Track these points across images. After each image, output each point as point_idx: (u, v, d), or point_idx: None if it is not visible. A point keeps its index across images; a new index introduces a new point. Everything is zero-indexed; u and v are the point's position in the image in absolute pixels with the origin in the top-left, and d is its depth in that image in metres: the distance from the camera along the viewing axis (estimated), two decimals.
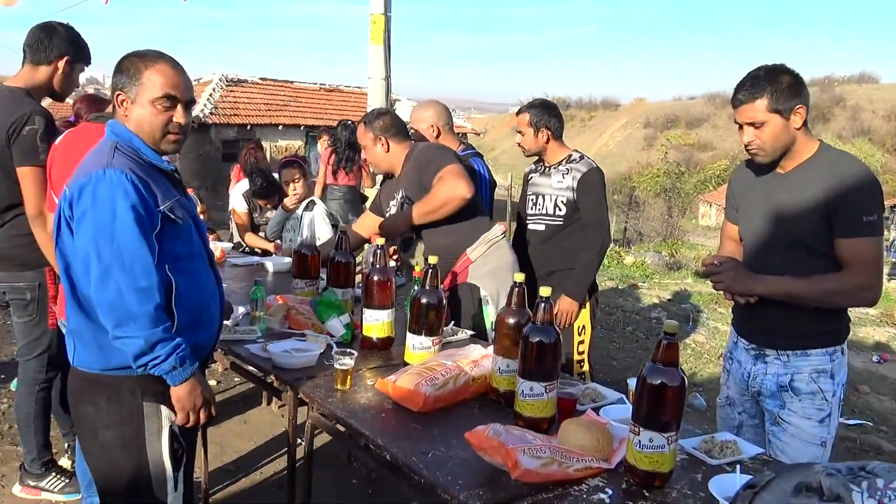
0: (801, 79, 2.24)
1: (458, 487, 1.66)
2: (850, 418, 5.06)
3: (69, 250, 1.89)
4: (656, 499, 1.68)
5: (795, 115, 2.19)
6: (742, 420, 2.50)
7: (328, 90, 23.69)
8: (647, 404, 1.68)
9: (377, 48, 7.04)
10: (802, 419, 2.30)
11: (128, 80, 1.93)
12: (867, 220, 2.14)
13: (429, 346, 2.39)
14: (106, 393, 1.95)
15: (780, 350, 2.32)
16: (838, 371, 2.31)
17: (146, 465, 1.96)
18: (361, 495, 3.52)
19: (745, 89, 2.22)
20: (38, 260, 2.98)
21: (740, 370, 2.45)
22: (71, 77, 3.06)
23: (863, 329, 7.89)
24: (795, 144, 2.24)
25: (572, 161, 3.55)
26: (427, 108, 3.74)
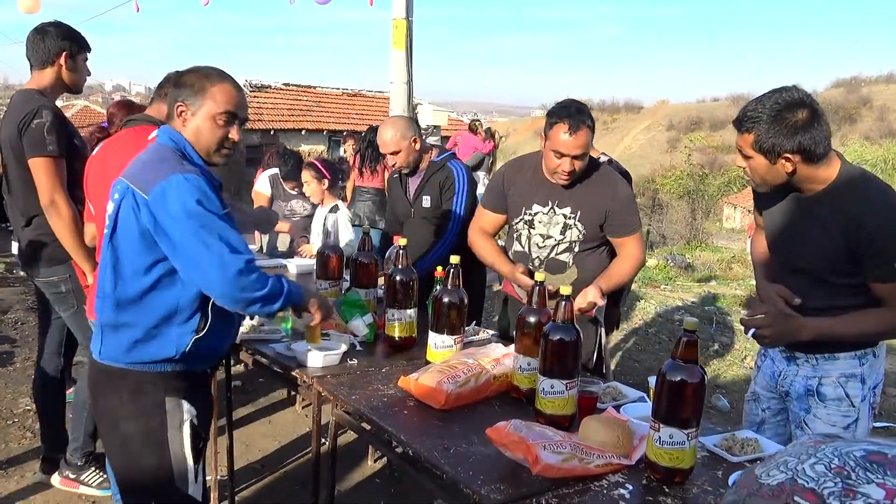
0: (816, 116, 2.01)
1: (479, 483, 1.68)
2: (877, 421, 5.00)
3: (125, 246, 1.96)
4: (676, 495, 1.69)
5: (784, 160, 2.04)
6: (764, 417, 2.46)
7: (351, 95, 23.84)
8: (666, 401, 1.70)
9: (399, 52, 7.10)
10: (827, 426, 2.23)
11: (191, 94, 2.03)
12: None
13: (451, 345, 2.42)
14: (129, 386, 2.01)
15: (810, 353, 2.26)
16: (870, 375, 2.22)
17: (168, 457, 2.01)
18: (385, 493, 3.55)
19: (744, 115, 2.08)
20: (65, 254, 3.06)
21: (772, 367, 2.40)
22: (76, 69, 3.16)
23: None
24: (796, 180, 2.10)
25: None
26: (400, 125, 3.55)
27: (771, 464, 0.77)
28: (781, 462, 0.75)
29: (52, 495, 3.36)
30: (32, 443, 3.83)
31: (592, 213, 2.86)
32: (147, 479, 2.02)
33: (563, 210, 2.89)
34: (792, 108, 2.01)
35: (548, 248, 2.93)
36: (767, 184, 2.14)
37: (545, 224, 2.92)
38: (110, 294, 1.98)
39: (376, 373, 2.43)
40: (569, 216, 2.88)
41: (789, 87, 2.06)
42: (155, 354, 1.99)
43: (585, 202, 2.86)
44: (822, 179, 2.11)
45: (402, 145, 3.48)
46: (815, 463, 0.72)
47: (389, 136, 3.48)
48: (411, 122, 3.68)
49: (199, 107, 2.03)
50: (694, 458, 1.73)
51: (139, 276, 1.95)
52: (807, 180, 2.11)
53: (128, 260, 1.96)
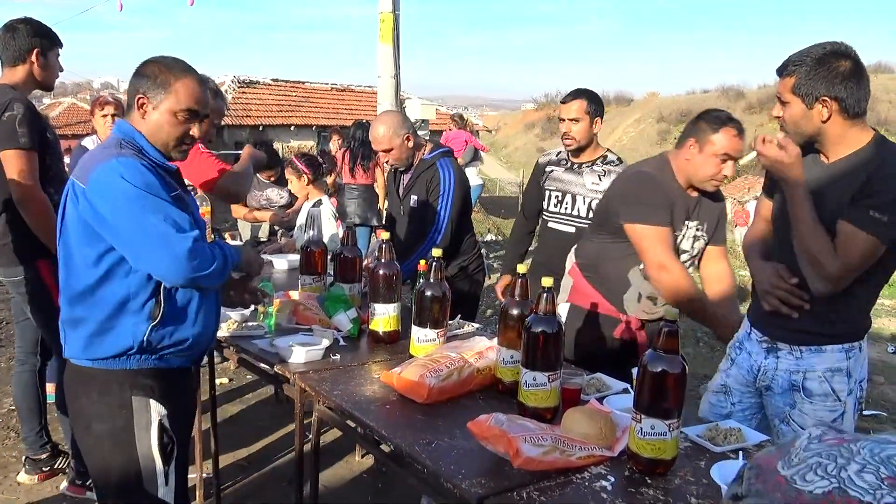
0: (859, 70, 2.01)
1: (460, 477, 1.67)
2: (864, 409, 5.02)
3: (73, 240, 1.94)
4: (659, 486, 1.68)
5: (821, 105, 2.02)
6: (732, 411, 2.39)
7: (340, 90, 23.79)
8: (648, 392, 1.68)
9: (386, 47, 7.08)
10: (812, 421, 2.20)
11: (153, 87, 1.98)
12: (874, 216, 1.97)
13: (433, 339, 2.40)
14: (97, 386, 1.98)
15: (794, 345, 2.22)
16: (855, 368, 2.20)
17: (136, 458, 1.98)
18: (372, 489, 3.54)
19: (788, 60, 2.08)
20: (32, 254, 3.06)
21: (749, 361, 2.35)
22: (48, 65, 3.14)
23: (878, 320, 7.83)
24: (826, 136, 2.07)
25: (609, 163, 3.40)
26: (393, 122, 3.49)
27: (800, 465, 0.73)
28: (814, 464, 0.71)
29: (35, 495, 3.34)
30: (17, 443, 3.80)
31: (712, 223, 2.81)
32: (117, 481, 2.00)
33: (694, 223, 2.77)
34: (837, 56, 2.02)
35: (686, 265, 2.80)
36: (800, 134, 2.10)
37: (686, 238, 2.78)
38: (64, 290, 1.97)
39: (359, 368, 2.41)
40: (697, 229, 2.78)
41: (836, 41, 2.07)
42: (113, 348, 1.94)
43: (708, 213, 2.78)
44: (852, 142, 2.08)
45: (394, 143, 3.43)
46: (861, 470, 0.69)
47: (381, 133, 3.43)
48: (404, 118, 3.62)
49: (160, 101, 1.99)
50: (676, 448, 1.72)
51: (88, 268, 1.92)
52: (836, 139, 2.08)
53: (77, 253, 1.94)
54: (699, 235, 2.79)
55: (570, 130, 3.35)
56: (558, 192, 3.48)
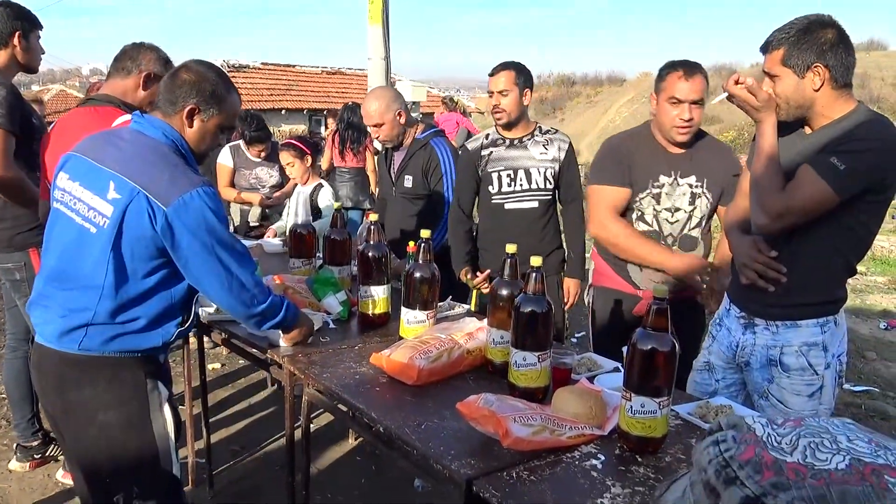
0: (843, 38, 2.04)
1: (449, 458, 1.66)
2: (856, 385, 5.03)
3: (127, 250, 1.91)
4: (649, 464, 1.67)
5: (812, 73, 2.02)
6: (717, 388, 2.41)
7: (330, 73, 23.65)
8: (637, 370, 1.67)
9: (376, 28, 7.02)
10: (792, 395, 2.22)
11: (207, 99, 2.02)
12: (832, 163, 1.96)
13: (423, 320, 2.39)
14: (107, 374, 1.97)
15: (770, 320, 2.23)
16: (832, 342, 2.20)
17: (153, 440, 2.01)
18: (365, 471, 3.54)
19: (773, 35, 2.08)
20: (23, 241, 3.05)
21: (728, 338, 2.36)
22: (30, 48, 3.10)
23: (871, 296, 7.83)
24: (816, 106, 2.07)
25: (547, 132, 3.32)
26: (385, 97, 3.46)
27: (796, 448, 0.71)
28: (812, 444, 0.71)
29: (27, 483, 3.33)
30: (8, 431, 3.79)
31: (718, 180, 2.74)
32: (131, 465, 2.00)
33: (688, 179, 2.75)
34: (822, 26, 2.04)
35: (680, 223, 2.78)
36: (791, 106, 2.10)
37: (671, 196, 2.77)
38: (109, 294, 1.92)
39: (349, 350, 2.39)
40: (695, 185, 2.75)
41: (817, 13, 2.09)
42: (141, 345, 1.99)
43: (710, 169, 2.74)
44: (838, 110, 2.08)
45: (385, 118, 3.41)
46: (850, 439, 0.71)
47: (374, 108, 3.41)
48: (398, 94, 3.57)
49: (212, 115, 2.04)
50: (666, 426, 1.71)
51: (139, 278, 1.95)
52: (825, 108, 2.08)
53: (131, 263, 1.92)
54: (699, 193, 2.75)
55: (499, 103, 3.21)
56: (508, 170, 3.27)
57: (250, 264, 2.05)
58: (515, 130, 3.30)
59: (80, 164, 1.97)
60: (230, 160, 5.00)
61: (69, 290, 1.96)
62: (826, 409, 2.24)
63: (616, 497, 1.52)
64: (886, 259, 10.04)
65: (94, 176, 1.93)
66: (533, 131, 3.32)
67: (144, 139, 1.97)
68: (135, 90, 2.75)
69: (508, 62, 3.28)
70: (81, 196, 1.94)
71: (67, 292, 1.96)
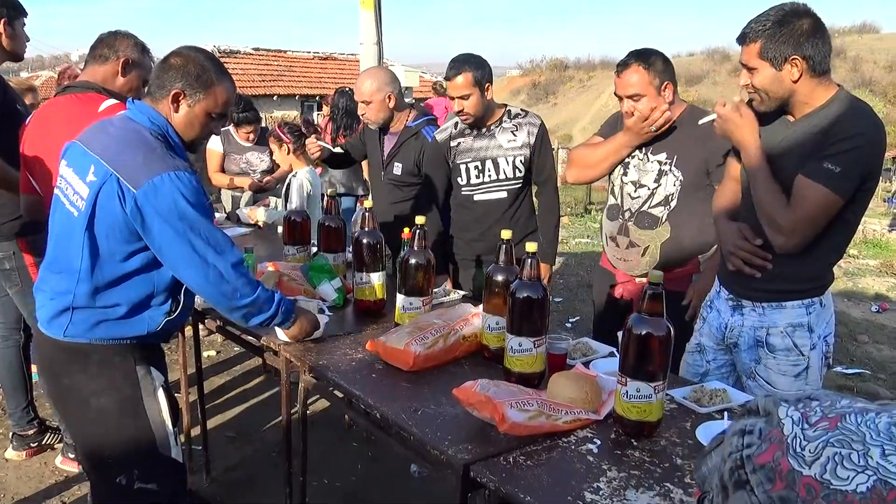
0: (818, 26, 2.04)
1: (446, 443, 1.67)
2: (848, 367, 5.08)
3: (103, 232, 1.89)
4: (644, 448, 1.69)
5: (790, 66, 2.03)
6: (708, 369, 2.43)
7: (322, 58, 23.50)
8: (633, 355, 1.68)
9: (368, 13, 6.96)
10: (778, 375, 2.25)
11: (193, 84, 1.98)
12: (828, 168, 1.99)
13: (418, 307, 2.39)
14: (96, 360, 1.98)
15: (756, 302, 2.25)
16: (818, 323, 2.22)
17: (148, 425, 2.02)
18: (361, 457, 3.56)
19: (748, 28, 2.09)
20: (10, 230, 3.03)
21: (718, 319, 2.39)
22: (16, 35, 3.06)
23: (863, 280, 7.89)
24: (796, 96, 2.08)
25: (517, 116, 3.19)
26: (379, 78, 3.44)
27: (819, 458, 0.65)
28: (835, 456, 0.65)
29: (23, 471, 3.34)
30: (3, 419, 3.78)
31: (691, 158, 2.66)
32: (130, 450, 2.02)
33: (658, 156, 2.71)
34: (797, 16, 2.03)
35: (640, 199, 2.75)
36: (771, 98, 2.11)
37: (638, 170, 2.75)
38: (85, 277, 1.91)
39: (345, 337, 2.40)
40: (664, 162, 2.70)
41: (792, 2, 2.08)
42: (125, 332, 1.99)
43: (682, 146, 2.67)
44: (818, 99, 2.09)
45: (375, 97, 3.39)
46: (885, 454, 0.63)
47: (366, 86, 3.40)
48: (393, 77, 3.53)
49: (199, 100, 1.99)
50: (661, 410, 1.73)
51: (117, 261, 1.93)
52: (805, 97, 2.09)
53: (106, 246, 1.91)
54: (666, 170, 2.69)
55: (462, 108, 3.08)
56: (476, 161, 3.20)
57: (231, 254, 1.97)
58: (482, 123, 3.20)
59: (75, 151, 1.98)
60: (220, 145, 4.96)
61: (57, 274, 1.98)
62: (812, 389, 2.25)
63: (612, 481, 1.54)
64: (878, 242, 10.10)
65: (81, 160, 1.94)
66: (501, 118, 3.20)
67: (131, 124, 1.97)
68: (114, 77, 2.75)
69: (462, 61, 3.08)
70: (70, 181, 1.95)
71: (56, 275, 1.99)
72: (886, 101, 43.60)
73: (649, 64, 2.59)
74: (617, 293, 2.87)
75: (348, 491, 3.28)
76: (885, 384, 4.86)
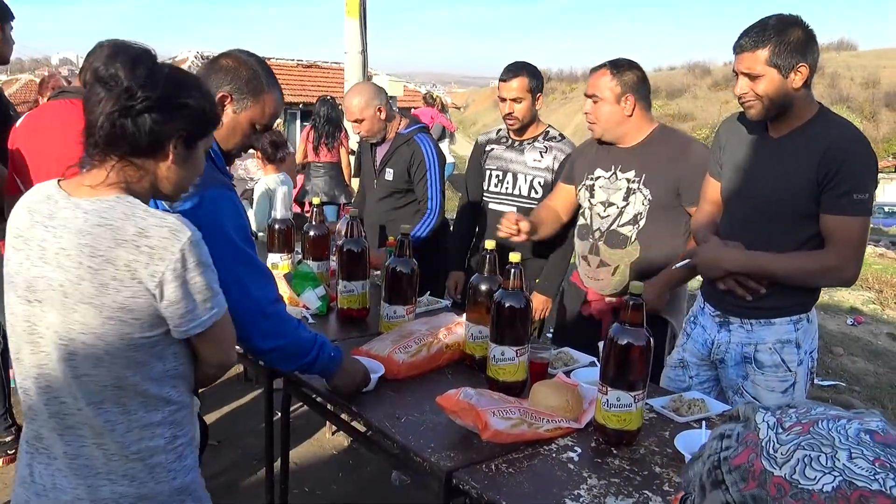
0: (814, 36, 2.09)
1: (429, 451, 1.69)
2: (824, 379, 5.15)
3: None
4: (624, 456, 1.72)
5: (796, 73, 2.05)
6: (691, 384, 2.43)
7: (305, 66, 23.46)
8: (613, 364, 1.71)
9: (352, 21, 6.98)
10: (765, 391, 2.26)
11: (243, 90, 1.84)
12: (857, 199, 2.03)
13: (402, 315, 2.41)
14: None
15: (745, 318, 2.27)
16: (805, 339, 2.24)
17: None
18: (342, 466, 3.56)
19: (750, 36, 2.09)
20: None
21: (703, 335, 2.39)
22: (4, 38, 3.05)
23: (838, 293, 8.00)
24: (796, 103, 2.11)
25: (551, 139, 3.26)
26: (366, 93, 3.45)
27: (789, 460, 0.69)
28: (805, 458, 0.69)
29: (1, 478, 3.30)
30: None
31: (660, 177, 2.63)
32: None
33: (627, 174, 2.69)
34: (794, 25, 2.09)
35: (610, 217, 2.72)
36: (775, 105, 2.12)
37: (606, 189, 2.73)
38: None
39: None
40: (632, 180, 2.67)
41: (780, 13, 2.13)
42: None
43: (651, 164, 2.65)
44: (802, 112, 2.14)
45: (366, 114, 3.41)
46: (852, 457, 0.67)
47: (354, 104, 3.41)
48: (379, 89, 3.58)
49: (245, 107, 1.85)
50: (641, 419, 1.76)
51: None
52: (796, 110, 2.13)
53: None
54: (634, 188, 2.67)
55: (513, 111, 3.17)
56: (499, 171, 3.32)
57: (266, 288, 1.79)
58: (524, 133, 3.29)
59: None
60: None
61: None
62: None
63: (592, 488, 1.56)
64: None
65: None
66: (538, 135, 3.27)
67: None
68: None
69: (520, 66, 3.20)
70: None
71: None
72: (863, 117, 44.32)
73: (619, 72, 2.64)
74: (586, 311, 2.85)
75: (330, 499, 3.28)
76: (859, 396, 4.94)
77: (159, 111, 1.34)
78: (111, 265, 1.29)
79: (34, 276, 1.35)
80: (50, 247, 1.33)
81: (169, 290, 1.32)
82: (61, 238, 1.32)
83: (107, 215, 1.31)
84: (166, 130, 1.35)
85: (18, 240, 1.39)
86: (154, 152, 1.37)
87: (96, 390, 1.36)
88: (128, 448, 1.39)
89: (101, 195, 1.34)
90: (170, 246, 1.31)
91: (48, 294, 1.33)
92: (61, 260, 1.31)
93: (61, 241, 1.32)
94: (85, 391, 1.35)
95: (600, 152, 2.80)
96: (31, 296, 1.36)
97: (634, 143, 2.71)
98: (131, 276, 1.30)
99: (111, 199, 1.34)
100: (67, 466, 1.40)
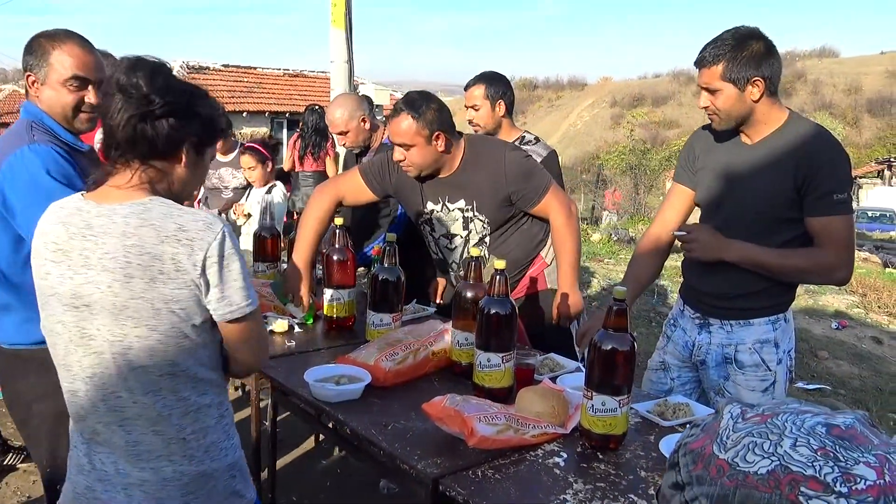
0: (772, 48, 2.13)
1: (416, 458, 1.69)
2: (809, 383, 5.19)
3: None
4: (610, 460, 1.72)
5: (753, 86, 2.11)
6: (672, 386, 2.46)
7: (292, 75, 23.45)
8: (598, 369, 1.72)
9: (338, 31, 7.01)
10: (745, 391, 2.30)
11: (36, 62, 1.94)
12: (838, 199, 2.09)
13: (389, 323, 2.41)
14: (35, 367, 1.95)
15: (724, 320, 2.31)
16: (783, 339, 2.29)
17: None
18: (330, 474, 3.55)
19: (707, 50, 2.15)
20: None
21: (684, 338, 2.43)
22: None
23: (823, 297, 8.07)
24: (755, 115, 2.16)
25: (528, 143, 3.28)
26: (349, 105, 3.48)
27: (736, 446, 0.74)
28: (750, 444, 0.73)
29: None
30: None
31: (489, 200, 2.64)
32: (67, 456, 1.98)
33: (458, 204, 2.68)
34: (752, 38, 2.12)
35: (458, 248, 2.76)
36: (732, 118, 2.18)
37: (441, 222, 2.74)
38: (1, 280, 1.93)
39: (315, 354, 2.41)
40: (465, 209, 2.68)
41: (741, 26, 2.17)
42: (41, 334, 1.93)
43: (477, 191, 2.63)
44: (773, 120, 2.18)
45: (350, 125, 3.42)
46: (794, 445, 0.71)
47: (338, 116, 3.43)
48: (361, 100, 3.60)
49: (45, 74, 1.95)
50: (626, 424, 1.77)
51: (9, 254, 1.90)
52: (763, 117, 2.17)
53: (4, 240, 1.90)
54: (471, 217, 2.68)
55: (472, 118, 3.26)
56: None
57: None
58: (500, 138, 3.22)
59: None
60: None
61: None
62: None
63: (578, 493, 1.57)
64: None
65: None
66: (515, 141, 3.23)
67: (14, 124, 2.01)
68: None
69: (481, 75, 3.28)
70: None
71: None
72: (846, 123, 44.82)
73: (419, 114, 2.50)
74: None
75: None
76: (845, 399, 4.98)
77: (175, 117, 1.43)
78: (158, 260, 1.37)
79: (79, 284, 1.41)
80: (93, 254, 1.39)
81: (209, 274, 1.41)
82: (104, 244, 1.39)
83: (146, 216, 1.39)
84: (181, 135, 1.45)
85: (58, 253, 1.44)
86: (170, 155, 1.46)
87: (152, 380, 1.43)
88: (184, 430, 1.48)
89: (133, 199, 1.42)
90: (206, 237, 1.40)
91: (97, 297, 1.39)
92: (106, 263, 1.38)
93: (104, 246, 1.39)
94: (140, 383, 1.43)
95: (422, 186, 2.72)
96: (78, 301, 1.41)
97: (452, 171, 2.66)
98: (175, 267, 1.38)
99: (144, 202, 1.42)
100: (129, 454, 1.47)
